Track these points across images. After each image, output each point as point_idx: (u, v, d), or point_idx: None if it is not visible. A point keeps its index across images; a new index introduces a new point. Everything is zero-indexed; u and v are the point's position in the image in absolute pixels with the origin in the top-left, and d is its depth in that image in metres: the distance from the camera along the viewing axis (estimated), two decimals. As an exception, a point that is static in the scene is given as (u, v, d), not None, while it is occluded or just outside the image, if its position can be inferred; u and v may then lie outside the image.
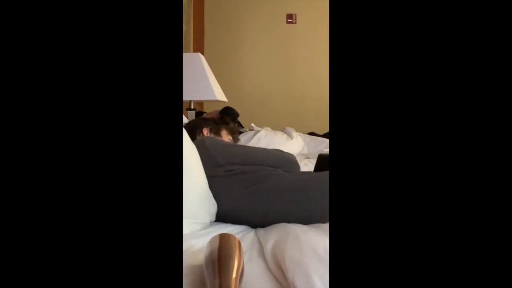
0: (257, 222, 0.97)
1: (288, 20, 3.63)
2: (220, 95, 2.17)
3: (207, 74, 2.12)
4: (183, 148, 0.87)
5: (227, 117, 1.67)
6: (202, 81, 2.08)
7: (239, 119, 2.70)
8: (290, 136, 2.55)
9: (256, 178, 0.99)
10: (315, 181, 0.99)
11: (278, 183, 0.99)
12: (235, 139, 1.43)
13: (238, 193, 0.98)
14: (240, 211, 0.98)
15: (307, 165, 1.83)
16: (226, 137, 1.38)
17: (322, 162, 1.25)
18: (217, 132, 1.37)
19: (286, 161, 1.15)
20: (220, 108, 2.53)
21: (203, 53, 3.53)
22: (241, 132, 2.45)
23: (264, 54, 3.62)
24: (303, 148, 2.58)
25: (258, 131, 2.52)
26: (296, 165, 1.17)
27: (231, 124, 1.44)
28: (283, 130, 2.68)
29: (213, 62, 2.63)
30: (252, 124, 2.78)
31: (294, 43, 3.63)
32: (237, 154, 1.06)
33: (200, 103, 3.36)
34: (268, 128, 2.80)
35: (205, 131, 1.36)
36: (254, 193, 0.97)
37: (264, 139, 2.41)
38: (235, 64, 3.61)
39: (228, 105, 2.54)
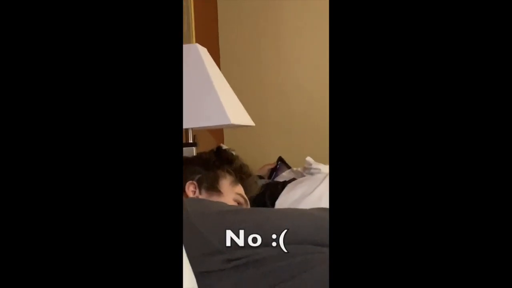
0: None
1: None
2: (238, 116, 1.77)
3: (211, 80, 1.71)
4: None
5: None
6: (202, 93, 1.70)
7: (283, 155, 2.08)
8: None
9: (288, 270, 0.89)
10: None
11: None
12: (250, 188, 1.31)
13: None
14: None
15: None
16: (231, 191, 1.25)
17: None
18: (213, 185, 1.23)
19: None
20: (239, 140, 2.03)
21: (215, 44, 3.15)
22: (284, 183, 1.87)
23: (317, 38, 3.10)
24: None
25: (321, 176, 1.86)
26: None
27: (237, 162, 1.31)
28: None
29: (229, 58, 2.13)
30: (309, 159, 2.10)
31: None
32: (243, 226, 0.95)
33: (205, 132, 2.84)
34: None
35: (190, 189, 1.21)
36: None
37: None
38: (267, 58, 3.16)
39: (259, 131, 2.08)
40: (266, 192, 1.84)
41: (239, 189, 1.27)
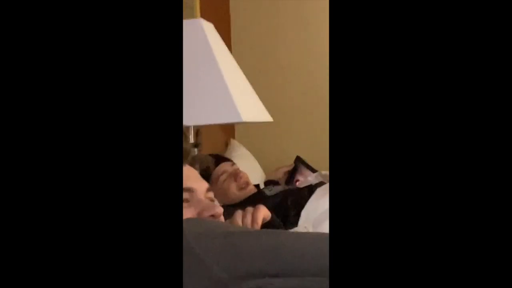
0: None
1: None
2: (251, 111, 1.63)
3: (218, 65, 1.56)
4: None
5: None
6: (206, 82, 1.57)
7: (306, 153, 1.82)
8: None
9: None
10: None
11: None
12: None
13: None
14: None
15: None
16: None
17: None
18: None
19: None
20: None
21: (225, 18, 2.95)
22: (310, 188, 1.71)
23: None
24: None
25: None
26: None
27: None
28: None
29: (242, 36, 1.97)
30: None
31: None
32: (254, 251, 0.86)
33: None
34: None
35: None
36: None
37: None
38: (288, 36, 2.93)
39: (277, 124, 1.86)
40: (288, 199, 1.68)
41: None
